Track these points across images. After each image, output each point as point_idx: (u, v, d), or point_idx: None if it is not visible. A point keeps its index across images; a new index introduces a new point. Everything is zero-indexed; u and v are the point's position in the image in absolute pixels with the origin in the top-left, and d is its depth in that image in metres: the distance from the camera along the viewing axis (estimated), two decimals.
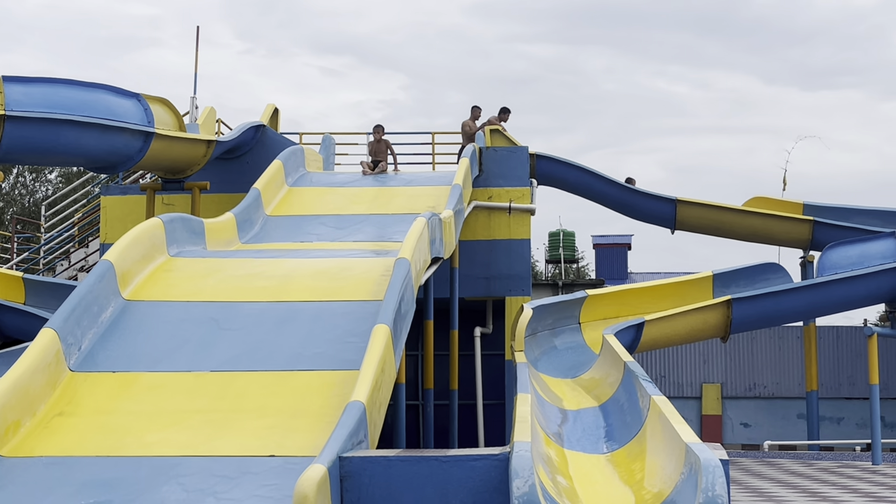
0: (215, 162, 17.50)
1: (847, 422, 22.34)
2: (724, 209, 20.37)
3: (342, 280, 10.85)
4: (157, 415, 8.61)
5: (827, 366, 22.29)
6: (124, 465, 7.83)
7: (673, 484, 6.99)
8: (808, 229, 19.92)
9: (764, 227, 20.29)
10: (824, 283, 15.87)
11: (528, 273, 18.83)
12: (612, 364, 11.92)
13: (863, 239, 16.59)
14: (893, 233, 16.30)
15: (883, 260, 16.00)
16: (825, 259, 16.15)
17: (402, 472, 6.96)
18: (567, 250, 35.49)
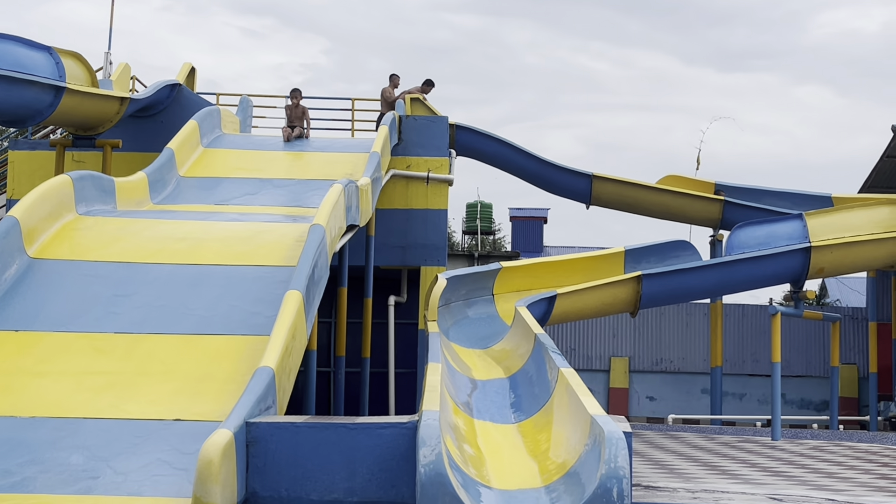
0: (129, 120, 17.14)
1: (749, 398, 22.89)
2: (639, 186, 20.61)
3: (255, 244, 10.72)
4: (60, 376, 8.43)
5: (732, 343, 22.78)
6: (24, 426, 7.66)
7: (577, 455, 7.07)
8: (718, 209, 20.25)
9: (676, 205, 20.57)
10: (731, 262, 16.17)
11: (444, 243, 18.83)
12: (523, 336, 12.01)
13: (770, 220, 16.92)
14: (800, 214, 16.65)
15: (789, 241, 16.34)
16: (733, 238, 16.44)
17: (308, 439, 6.91)
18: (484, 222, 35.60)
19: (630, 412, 22.80)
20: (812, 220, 16.50)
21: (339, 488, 6.83)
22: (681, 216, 21.09)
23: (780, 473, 10.06)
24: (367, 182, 13.66)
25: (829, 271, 17.26)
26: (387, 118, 17.70)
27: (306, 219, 11.93)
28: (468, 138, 20.56)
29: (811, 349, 22.84)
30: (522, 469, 7.60)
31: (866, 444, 14.78)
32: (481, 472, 7.49)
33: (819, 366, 22.93)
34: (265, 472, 6.87)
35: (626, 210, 21.19)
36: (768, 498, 7.57)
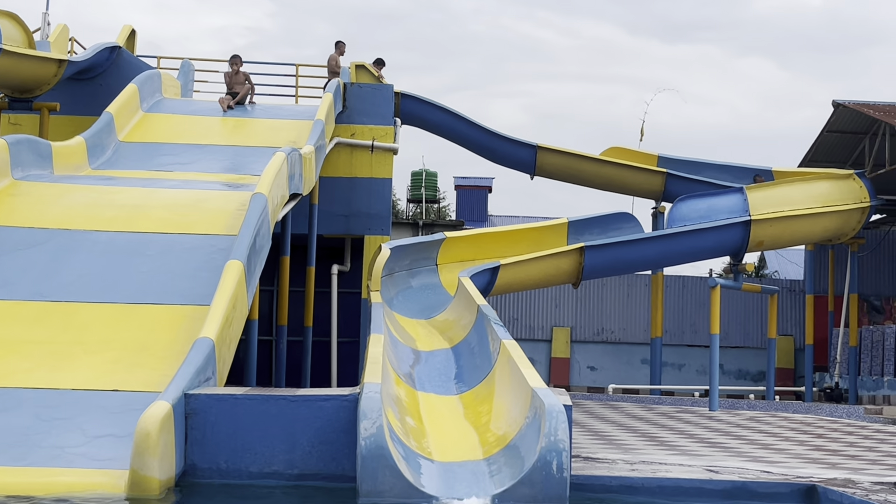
0: (67, 83, 16.80)
1: (688, 368, 23.20)
2: (583, 157, 20.66)
3: (196, 213, 10.61)
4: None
5: (672, 314, 23.04)
6: None
7: (518, 427, 7.11)
8: (661, 181, 20.37)
9: (620, 176, 20.66)
10: (673, 234, 16.29)
11: (389, 212, 18.77)
12: (466, 307, 12.02)
13: (711, 193, 17.06)
14: (741, 188, 16.82)
15: (729, 214, 16.50)
16: (675, 211, 16.56)
17: (248, 411, 6.89)
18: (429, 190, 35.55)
19: (571, 382, 23.01)
20: (752, 194, 16.67)
21: (279, 461, 6.83)
22: (624, 188, 21.20)
23: (717, 444, 10.22)
24: (310, 150, 13.56)
25: (769, 244, 17.49)
26: (331, 85, 17.56)
27: (248, 186, 11.82)
28: (413, 107, 20.44)
29: (749, 321, 23.18)
30: (464, 441, 7.63)
31: (801, 415, 15.07)
32: (422, 444, 7.52)
33: (756, 337, 23.29)
34: (204, 445, 6.84)
35: (570, 181, 21.26)
36: (705, 469, 7.68)
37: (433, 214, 39.72)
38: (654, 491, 6.77)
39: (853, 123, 20.46)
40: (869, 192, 17.69)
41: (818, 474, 7.70)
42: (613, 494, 6.72)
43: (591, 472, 7.02)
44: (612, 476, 6.87)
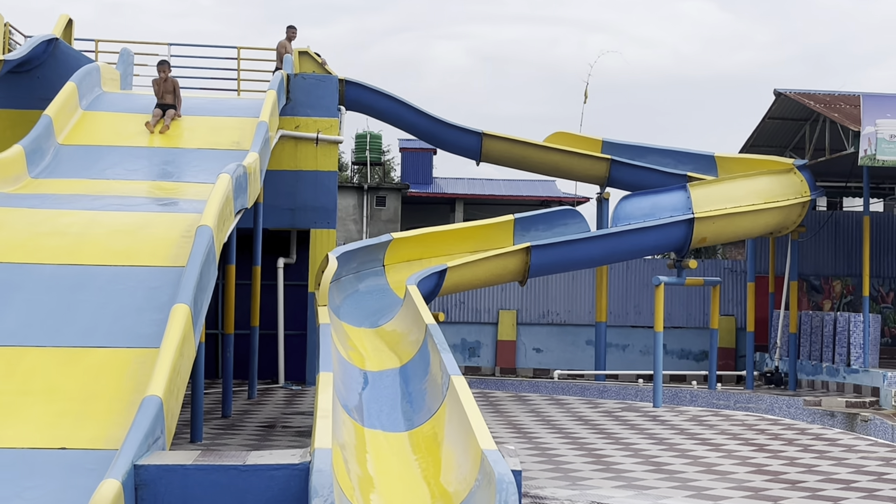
0: (4, 77, 16.47)
1: (632, 349, 23.49)
2: (528, 144, 20.66)
3: (140, 241, 10.44)
4: None
5: (616, 295, 23.26)
6: None
7: (468, 488, 7.16)
8: (605, 167, 20.45)
9: (565, 163, 20.71)
10: (617, 233, 16.42)
11: (335, 205, 18.71)
12: (415, 321, 12.02)
13: (655, 191, 17.19)
14: (685, 186, 16.96)
15: (673, 212, 16.65)
16: (619, 209, 16.67)
17: (199, 481, 6.85)
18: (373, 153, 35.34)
19: (517, 364, 23.20)
20: (696, 191, 16.83)
21: None
22: (569, 174, 21.28)
23: (662, 468, 10.39)
24: (254, 159, 13.37)
25: (712, 240, 17.70)
26: (274, 80, 17.36)
27: (191, 204, 11.67)
28: (358, 94, 20.28)
29: (692, 303, 23.49)
30: (412, 495, 7.65)
31: (742, 413, 15.36)
32: (370, 501, 7.53)
33: (699, 318, 23.61)
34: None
35: (516, 167, 21.26)
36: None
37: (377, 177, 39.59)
38: None
39: (794, 111, 20.68)
40: (809, 186, 17.96)
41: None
42: None
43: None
44: None
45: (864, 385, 18.31)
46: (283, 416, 14.23)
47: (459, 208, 30.43)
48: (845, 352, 19.08)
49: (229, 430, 12.49)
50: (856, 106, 18.69)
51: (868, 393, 17.95)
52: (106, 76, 17.31)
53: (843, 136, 18.82)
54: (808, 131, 20.90)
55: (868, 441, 13.03)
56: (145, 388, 7.74)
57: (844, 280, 23.65)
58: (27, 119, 16.69)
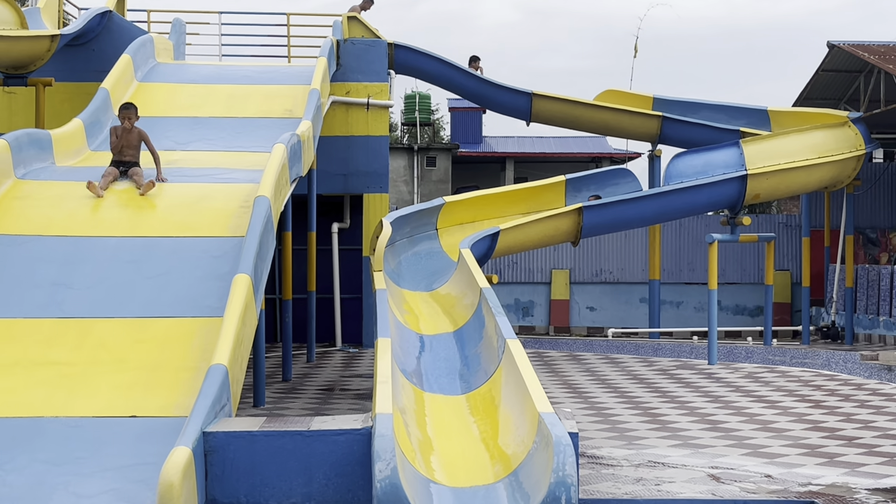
0: (60, 51, 16.74)
1: (686, 305, 23.47)
2: (578, 104, 20.63)
3: (200, 212, 10.68)
4: (9, 368, 8.44)
5: (669, 252, 23.23)
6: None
7: (525, 450, 7.31)
8: (657, 124, 20.38)
9: (615, 121, 20.67)
10: (670, 191, 16.41)
11: (387, 169, 18.87)
12: (469, 284, 12.16)
13: (708, 148, 17.12)
14: (737, 142, 16.87)
15: (726, 169, 16.60)
16: (672, 168, 16.65)
17: (265, 447, 7.07)
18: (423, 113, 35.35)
19: (571, 323, 23.30)
20: (748, 148, 16.74)
21: (296, 494, 7.04)
22: (620, 132, 21.24)
23: (718, 426, 10.48)
24: (308, 127, 13.53)
25: (765, 196, 17.62)
26: (324, 46, 17.47)
27: (250, 173, 11.86)
28: (407, 57, 20.35)
29: (746, 258, 23.38)
30: (472, 457, 7.82)
31: (798, 369, 15.35)
32: (431, 463, 7.70)
33: (753, 273, 23.50)
34: (224, 480, 7.04)
35: (566, 126, 21.29)
36: (708, 477, 7.94)
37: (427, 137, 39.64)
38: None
39: (848, 63, 20.42)
40: (864, 139, 17.78)
41: (817, 477, 7.96)
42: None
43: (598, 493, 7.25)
44: (619, 500, 7.10)
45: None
46: (342, 379, 14.50)
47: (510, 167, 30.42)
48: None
49: (290, 394, 12.77)
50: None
51: None
52: (159, 47, 17.54)
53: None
54: (863, 83, 20.63)
55: None
56: (210, 357, 7.97)
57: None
58: (84, 91, 17.01)
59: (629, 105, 20.85)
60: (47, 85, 15.86)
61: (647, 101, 21.08)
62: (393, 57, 19.93)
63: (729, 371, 15.19)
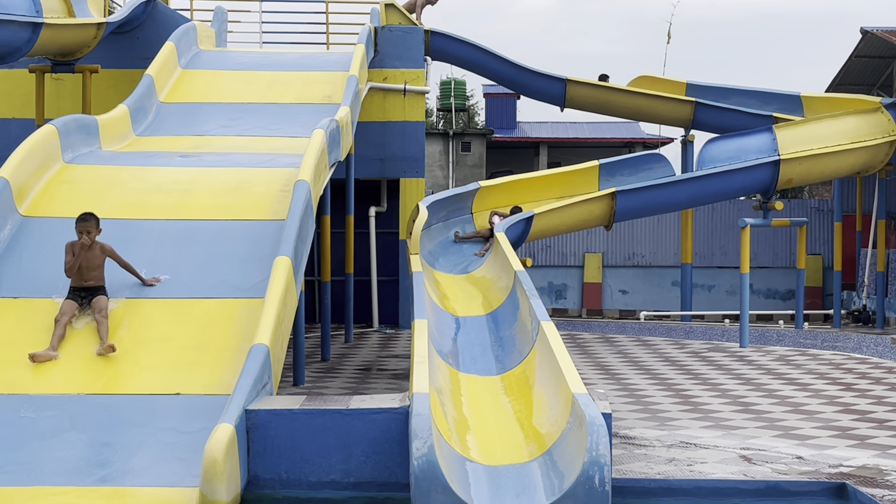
0: (106, 38, 16.88)
1: (718, 289, 23.34)
2: (612, 89, 20.54)
3: (241, 195, 10.73)
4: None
5: (701, 236, 23.11)
6: (30, 404, 7.81)
7: (559, 430, 7.33)
8: (690, 110, 20.25)
9: (649, 106, 20.57)
10: (703, 176, 16.31)
11: (423, 154, 18.87)
12: (503, 268, 12.18)
13: (741, 134, 16.97)
14: (770, 127, 16.73)
15: (758, 154, 16.46)
16: (705, 153, 16.53)
17: (305, 424, 7.15)
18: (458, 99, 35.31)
19: (604, 306, 23.25)
20: (781, 133, 16.59)
21: (336, 470, 7.12)
22: (653, 117, 21.13)
23: (749, 408, 10.44)
24: (346, 113, 13.55)
25: (798, 181, 17.46)
26: (362, 33, 17.48)
27: (290, 158, 11.91)
28: (443, 44, 20.33)
29: (777, 242, 23.22)
30: (506, 436, 7.85)
31: (829, 353, 15.23)
32: (467, 442, 7.75)
33: (785, 257, 23.34)
34: (265, 456, 7.12)
35: (600, 112, 21.19)
36: (740, 457, 7.91)
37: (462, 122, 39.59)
38: (692, 492, 7.01)
39: (881, 49, 20.16)
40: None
41: (848, 459, 7.91)
42: (653, 498, 6.95)
43: (630, 473, 7.25)
44: (651, 479, 7.10)
45: None
46: (379, 359, 14.57)
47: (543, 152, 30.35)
48: None
49: (329, 374, 12.85)
50: None
51: None
52: (202, 34, 17.60)
53: None
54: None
55: None
56: (252, 337, 8.05)
57: None
58: (129, 78, 17.15)
59: (662, 91, 20.73)
60: (94, 72, 16.02)
61: (680, 87, 20.95)
62: (429, 43, 19.91)
63: (760, 354, 15.11)
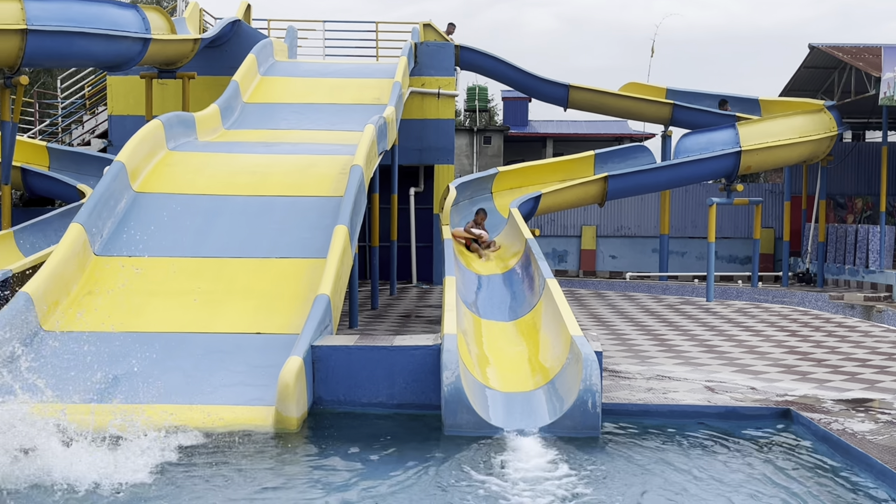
0: (201, 51, 16.90)
1: (689, 255, 23.10)
2: (605, 93, 20.30)
3: (308, 176, 10.77)
4: (166, 295, 8.66)
5: (677, 212, 22.85)
6: (144, 340, 7.94)
7: (560, 364, 7.35)
8: (669, 110, 20.00)
9: (635, 107, 20.33)
10: (679, 163, 16.12)
11: (452, 146, 18.78)
12: (517, 236, 12.16)
13: (709, 129, 16.74)
14: (734, 125, 16.49)
15: (724, 146, 16.24)
16: (680, 145, 16.34)
17: (358, 357, 7.21)
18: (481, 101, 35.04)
19: (597, 268, 23.12)
20: (743, 129, 16.35)
21: (382, 394, 7.19)
22: (639, 116, 20.90)
23: (713, 349, 10.38)
24: (391, 112, 13.52)
25: (755, 168, 17.21)
26: (405, 48, 17.37)
27: (346, 147, 11.90)
28: (470, 57, 20.12)
29: (738, 218, 22.93)
30: (518, 369, 7.89)
31: (779, 306, 15.10)
32: (486, 372, 7.79)
33: (744, 230, 23.03)
34: (327, 382, 7.20)
35: (596, 112, 20.93)
36: (704, 387, 7.89)
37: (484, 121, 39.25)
38: (666, 414, 7.00)
39: (825, 61, 19.79)
40: (837, 122, 17.27)
41: (792, 390, 7.87)
42: (634, 418, 6.95)
43: (616, 399, 7.25)
44: (633, 404, 7.10)
45: (879, 283, 17.76)
46: (417, 308, 14.60)
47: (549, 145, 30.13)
48: (864, 256, 18.49)
49: (377, 319, 12.90)
50: (877, 56, 17.79)
51: (882, 289, 17.41)
52: (277, 48, 17.59)
53: (867, 81, 17.97)
54: (837, 77, 19.99)
55: (881, 328, 12.75)
56: (317, 289, 8.12)
57: (865, 198, 22.75)
58: (218, 84, 17.16)
59: (647, 94, 20.49)
60: (191, 78, 16.05)
61: (661, 92, 20.70)
62: (458, 56, 19.76)
63: (723, 307, 15.02)
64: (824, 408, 7.08)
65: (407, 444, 6.31)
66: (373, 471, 5.65)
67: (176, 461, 5.80)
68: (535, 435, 6.39)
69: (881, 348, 10.63)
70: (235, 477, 5.51)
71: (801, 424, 6.66)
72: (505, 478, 5.45)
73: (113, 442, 5.86)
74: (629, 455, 6.05)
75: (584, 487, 5.31)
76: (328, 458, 5.96)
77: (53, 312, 8.18)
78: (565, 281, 20.40)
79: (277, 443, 6.32)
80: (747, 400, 7.33)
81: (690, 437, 6.52)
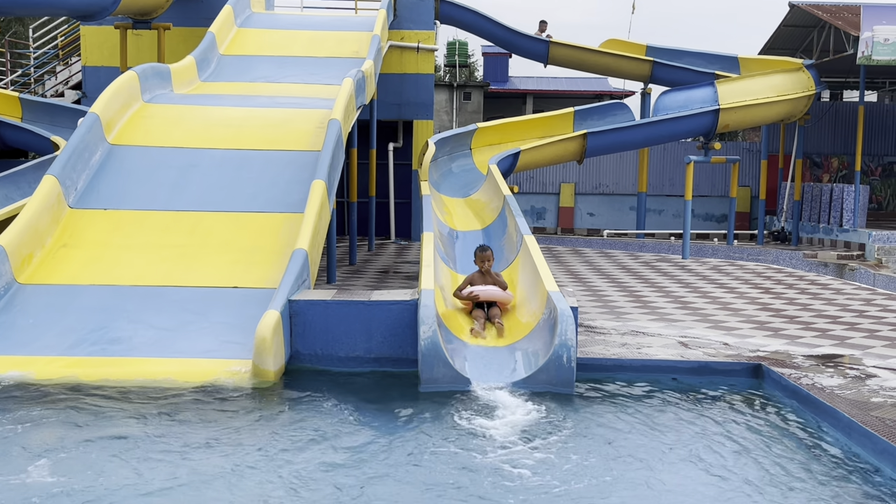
0: (177, 1, 16.58)
1: (666, 213, 23.20)
2: (585, 50, 20.16)
3: (285, 130, 10.66)
4: (141, 248, 8.59)
5: (654, 170, 22.90)
6: (119, 293, 7.90)
7: (536, 320, 7.39)
8: (648, 68, 19.90)
9: (616, 64, 20.21)
10: (658, 121, 16.10)
11: (431, 101, 18.63)
12: (495, 192, 12.13)
13: (688, 87, 16.71)
14: (712, 82, 16.46)
15: (702, 104, 16.22)
16: (659, 102, 16.30)
17: (336, 312, 7.21)
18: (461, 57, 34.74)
19: (575, 225, 23.18)
20: (721, 87, 16.33)
21: (359, 348, 7.20)
22: (619, 73, 20.75)
23: (688, 306, 10.47)
24: (370, 65, 13.36)
25: (734, 126, 17.24)
26: (384, 1, 17.12)
27: (325, 101, 11.78)
28: (450, 10, 19.91)
29: (715, 176, 23.01)
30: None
31: (753, 264, 15.25)
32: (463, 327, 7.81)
33: (721, 188, 23.14)
34: (304, 336, 7.20)
35: (576, 68, 20.81)
36: (678, 342, 7.97)
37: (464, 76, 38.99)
38: (640, 368, 7.07)
39: (805, 20, 19.74)
40: (815, 81, 17.28)
41: (764, 346, 7.97)
42: (608, 373, 7.02)
43: (591, 354, 7.31)
44: (608, 358, 7.16)
45: (852, 242, 17.96)
46: (395, 264, 14.59)
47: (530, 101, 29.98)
48: (839, 215, 18.66)
49: (355, 275, 12.88)
50: (856, 15, 17.77)
51: (856, 248, 17.61)
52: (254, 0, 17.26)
53: (845, 40, 17.97)
54: (816, 36, 19.98)
55: (853, 286, 12.90)
56: (294, 243, 8.09)
57: (841, 158, 22.90)
58: (194, 35, 16.88)
59: (627, 52, 20.37)
60: (166, 29, 15.73)
61: (641, 49, 20.59)
62: (438, 10, 19.53)
63: (698, 264, 15.13)
64: (795, 363, 7.18)
65: (383, 397, 6.34)
66: (348, 424, 5.68)
67: (156, 413, 5.80)
68: (510, 389, 6.45)
69: (852, 305, 10.77)
70: (211, 430, 5.52)
71: (771, 379, 6.75)
72: (479, 432, 5.50)
73: (87, 395, 5.84)
74: (601, 409, 6.12)
75: (555, 440, 5.38)
76: (304, 411, 5.98)
77: (28, 265, 8.10)
78: (543, 238, 20.45)
79: (254, 396, 6.34)
80: (720, 355, 7.41)
81: (664, 390, 6.60)
